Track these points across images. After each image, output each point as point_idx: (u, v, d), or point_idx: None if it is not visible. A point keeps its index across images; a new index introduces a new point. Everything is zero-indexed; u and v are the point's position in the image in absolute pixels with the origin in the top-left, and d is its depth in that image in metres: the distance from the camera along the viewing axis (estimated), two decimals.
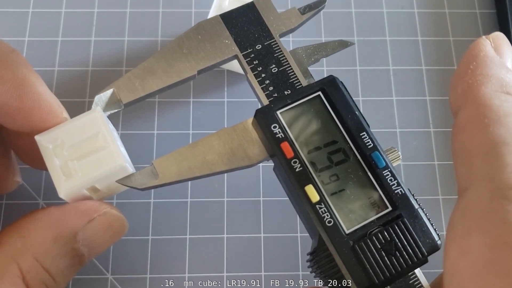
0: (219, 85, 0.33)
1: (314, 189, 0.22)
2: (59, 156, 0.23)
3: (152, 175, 0.24)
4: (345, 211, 0.22)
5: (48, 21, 0.34)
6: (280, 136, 0.23)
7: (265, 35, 0.26)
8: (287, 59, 0.26)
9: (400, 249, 0.21)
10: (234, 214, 0.30)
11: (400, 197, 0.22)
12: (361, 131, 0.23)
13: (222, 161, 0.24)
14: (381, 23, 0.35)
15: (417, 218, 0.22)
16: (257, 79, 0.25)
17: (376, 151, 0.23)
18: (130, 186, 0.24)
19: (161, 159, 0.24)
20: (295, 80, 0.25)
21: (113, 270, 0.29)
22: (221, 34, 0.26)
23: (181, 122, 0.32)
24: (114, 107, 0.26)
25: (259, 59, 0.26)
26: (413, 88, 0.34)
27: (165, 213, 0.30)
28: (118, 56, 0.34)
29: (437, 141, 0.32)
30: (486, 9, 0.36)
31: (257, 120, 0.24)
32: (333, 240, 0.22)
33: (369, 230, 0.22)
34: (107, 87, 0.25)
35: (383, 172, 0.23)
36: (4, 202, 0.30)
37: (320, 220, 0.22)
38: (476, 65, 0.19)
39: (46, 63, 0.33)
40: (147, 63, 0.26)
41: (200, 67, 0.26)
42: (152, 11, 0.35)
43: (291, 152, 0.23)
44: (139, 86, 0.25)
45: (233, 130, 0.25)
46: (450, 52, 0.35)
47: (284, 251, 0.30)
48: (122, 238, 0.29)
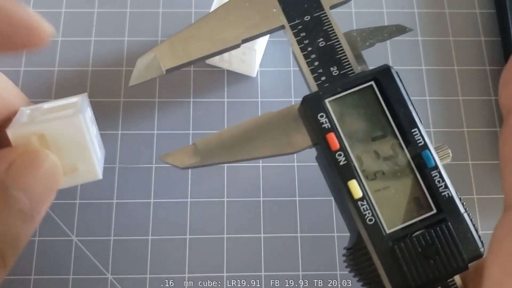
0: (219, 85, 0.33)
1: (357, 184, 0.21)
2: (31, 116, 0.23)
3: (193, 154, 0.23)
4: (387, 210, 0.21)
5: (48, 21, 0.34)
6: (326, 126, 0.22)
7: (315, 6, 0.25)
8: (337, 33, 0.24)
9: (441, 254, 0.21)
10: (234, 214, 0.30)
11: (447, 200, 0.21)
12: (413, 127, 0.22)
13: (264, 146, 0.23)
14: (381, 23, 0.35)
15: (462, 223, 0.21)
16: (302, 52, 0.24)
17: (426, 150, 0.22)
18: (171, 163, 0.23)
19: (204, 139, 0.23)
20: (343, 56, 0.24)
21: (113, 270, 0.29)
22: (269, 2, 0.25)
23: (181, 122, 0.32)
24: (156, 72, 0.24)
25: (307, 31, 0.24)
26: (413, 88, 0.34)
27: (165, 213, 0.30)
28: (118, 56, 0.34)
29: (437, 141, 0.32)
30: (486, 9, 0.36)
31: (303, 107, 0.23)
32: (373, 239, 0.21)
33: (411, 232, 0.21)
34: (150, 51, 0.24)
35: (432, 172, 0.22)
36: None
37: (361, 217, 0.21)
38: None
39: (46, 63, 0.33)
40: (191, 28, 0.24)
41: (245, 36, 0.24)
42: (152, 11, 0.35)
43: (337, 144, 0.22)
44: (182, 52, 0.24)
45: (278, 115, 0.24)
46: (450, 52, 0.35)
47: (284, 251, 0.30)
48: (122, 238, 0.29)
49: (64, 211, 0.30)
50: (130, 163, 0.31)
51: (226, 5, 0.25)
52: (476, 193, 0.31)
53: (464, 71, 0.34)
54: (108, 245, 0.29)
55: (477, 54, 0.35)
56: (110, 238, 0.29)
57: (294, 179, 0.31)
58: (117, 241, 0.29)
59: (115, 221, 0.30)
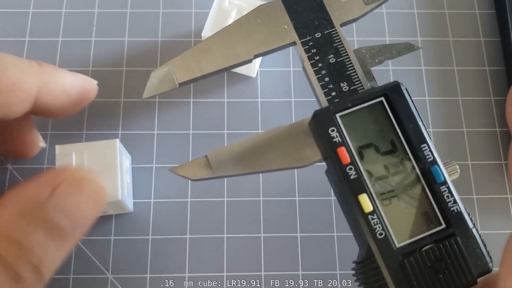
0: (219, 85, 0.33)
1: (367, 198, 0.22)
2: (78, 164, 0.26)
3: (205, 166, 0.24)
4: (397, 224, 0.22)
5: (48, 21, 0.34)
6: (337, 140, 0.22)
7: (325, 23, 0.25)
8: (347, 50, 0.25)
9: (450, 268, 0.21)
10: (234, 214, 0.30)
11: (456, 215, 0.21)
12: (422, 142, 0.22)
13: (275, 160, 0.23)
14: (381, 23, 0.35)
15: (471, 238, 0.21)
16: (313, 68, 0.24)
17: (435, 165, 0.22)
18: (182, 175, 0.23)
19: (215, 151, 0.24)
20: (353, 72, 0.24)
21: (113, 269, 0.29)
22: (280, 19, 0.25)
23: (181, 122, 0.32)
24: (169, 86, 0.25)
25: (317, 48, 0.25)
26: (413, 88, 0.34)
27: (165, 213, 0.30)
28: (118, 56, 0.34)
29: (436, 141, 0.32)
30: (485, 10, 0.36)
31: (314, 121, 0.23)
32: (383, 253, 0.21)
33: (420, 246, 0.21)
34: (163, 65, 0.25)
35: (441, 187, 0.22)
36: None
37: (371, 231, 0.21)
38: None
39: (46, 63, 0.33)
40: (204, 43, 0.25)
41: (257, 51, 0.25)
42: (152, 12, 0.35)
43: (347, 159, 0.22)
44: (195, 67, 0.25)
45: (289, 129, 0.24)
46: (449, 53, 0.35)
47: (284, 251, 0.30)
48: (122, 238, 0.29)
49: None
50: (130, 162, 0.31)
51: (238, 21, 0.25)
52: (475, 193, 0.31)
53: (463, 72, 0.34)
54: (108, 244, 0.29)
55: (476, 54, 0.35)
56: (111, 238, 0.29)
57: (294, 179, 0.31)
58: (117, 241, 0.29)
59: (115, 221, 0.30)
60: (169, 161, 0.31)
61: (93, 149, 0.27)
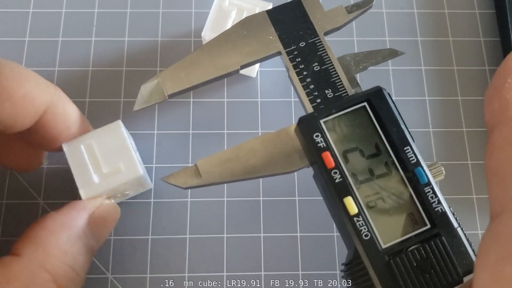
0: (219, 85, 0.33)
1: (353, 201, 0.22)
2: (90, 156, 0.26)
3: (195, 174, 0.24)
4: (383, 226, 0.22)
5: (48, 21, 0.34)
6: (322, 145, 0.23)
7: (309, 32, 0.26)
8: (330, 58, 0.26)
9: (435, 268, 0.21)
10: (234, 214, 0.30)
11: (440, 215, 0.22)
12: (405, 145, 0.23)
13: (263, 166, 0.24)
14: (381, 23, 0.35)
15: (456, 237, 0.22)
16: (298, 76, 0.25)
17: (419, 167, 0.23)
18: (173, 184, 0.24)
19: (205, 160, 0.25)
20: (337, 79, 0.25)
21: (113, 269, 0.29)
22: (266, 30, 0.26)
23: (181, 122, 0.32)
24: (159, 98, 0.26)
25: (302, 57, 0.26)
26: (413, 88, 0.34)
27: (165, 213, 0.30)
28: (118, 56, 0.34)
29: (436, 141, 0.32)
30: (485, 9, 0.36)
31: (299, 128, 0.24)
32: (369, 254, 0.21)
33: (406, 247, 0.22)
34: (153, 78, 0.26)
35: (425, 188, 0.22)
36: (4, 202, 0.30)
37: (357, 233, 0.22)
38: None
39: (47, 63, 0.33)
40: (192, 56, 0.26)
41: (244, 62, 0.26)
42: (152, 11, 0.35)
43: (332, 163, 0.23)
44: (184, 78, 0.26)
45: (277, 135, 0.25)
46: (449, 52, 0.35)
47: (284, 251, 0.30)
48: (122, 238, 0.29)
49: None
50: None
51: (225, 33, 0.26)
52: (475, 193, 0.31)
53: (463, 71, 0.34)
54: (108, 244, 0.29)
55: (476, 54, 0.35)
56: (111, 238, 0.29)
57: (294, 179, 0.31)
58: (117, 241, 0.30)
59: None
60: (169, 161, 0.31)
61: (99, 137, 0.27)
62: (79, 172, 0.26)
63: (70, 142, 0.27)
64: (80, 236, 0.24)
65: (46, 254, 0.23)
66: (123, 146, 0.27)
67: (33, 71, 0.25)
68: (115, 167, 0.26)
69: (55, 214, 0.25)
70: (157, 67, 0.33)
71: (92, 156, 0.26)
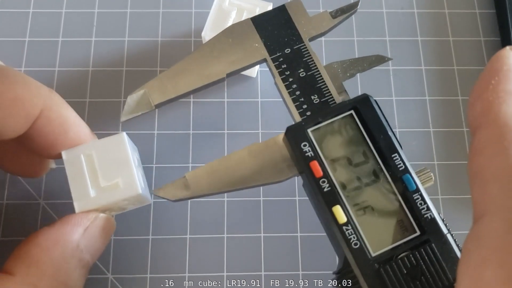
0: (219, 85, 0.33)
1: (341, 210, 0.22)
2: (89, 167, 0.25)
3: (184, 187, 0.24)
4: (372, 234, 0.22)
5: (48, 22, 0.34)
6: (309, 154, 0.23)
7: (294, 39, 0.26)
8: (316, 63, 0.26)
9: (426, 274, 0.21)
10: (234, 214, 0.30)
11: (429, 222, 0.22)
12: (393, 152, 0.23)
13: (252, 177, 0.24)
14: (381, 23, 0.35)
15: (446, 243, 0.22)
16: (284, 83, 0.25)
17: (407, 174, 0.23)
18: (163, 197, 0.24)
19: (194, 172, 0.25)
20: (323, 85, 0.25)
21: (114, 269, 0.29)
22: (251, 38, 0.26)
23: (181, 122, 0.32)
24: (145, 108, 0.26)
25: (288, 63, 0.26)
26: (413, 88, 0.34)
27: (165, 213, 0.30)
28: (118, 56, 0.34)
29: (436, 141, 0.32)
30: (485, 9, 0.36)
31: (287, 137, 0.24)
32: (359, 262, 0.21)
33: (396, 254, 0.22)
34: (139, 88, 0.26)
35: (413, 195, 0.22)
36: (4, 202, 0.30)
37: (346, 242, 0.22)
38: (498, 80, 0.18)
39: (47, 63, 0.33)
40: (179, 65, 0.26)
41: (229, 70, 0.26)
42: (152, 11, 0.35)
43: (320, 172, 0.23)
44: (170, 88, 0.26)
45: (265, 145, 0.25)
46: (449, 52, 0.35)
47: (284, 251, 0.30)
48: (122, 238, 0.29)
49: (64, 211, 0.30)
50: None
51: (210, 42, 0.27)
52: None
53: (463, 71, 0.34)
54: (108, 244, 0.29)
55: (476, 54, 0.35)
56: (111, 238, 0.29)
57: (294, 179, 0.31)
58: (117, 241, 0.30)
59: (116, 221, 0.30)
60: (169, 161, 0.31)
61: (100, 148, 0.25)
62: (76, 183, 0.25)
63: (70, 150, 0.25)
64: (75, 252, 0.24)
65: (39, 273, 0.22)
66: (125, 160, 0.25)
67: (25, 74, 0.24)
68: (113, 182, 0.25)
69: (48, 230, 0.24)
70: (157, 67, 0.33)
71: (91, 168, 0.25)
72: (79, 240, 0.24)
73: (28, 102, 0.23)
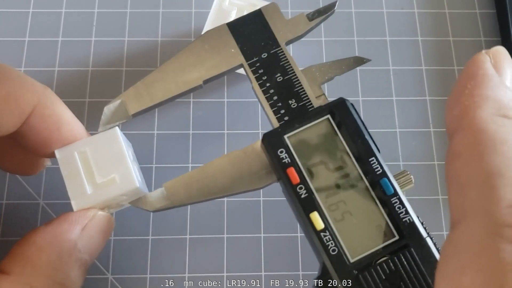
0: (219, 85, 0.33)
1: (319, 216, 0.22)
2: (84, 164, 0.25)
3: (162, 197, 0.24)
4: (350, 239, 0.22)
5: (48, 21, 0.34)
6: (286, 161, 0.23)
7: (271, 43, 0.26)
8: (293, 67, 0.25)
9: (405, 280, 0.21)
10: (234, 214, 0.30)
11: (408, 226, 0.22)
12: (370, 156, 0.23)
13: (231, 184, 0.24)
14: (381, 23, 0.35)
15: (425, 248, 0.21)
16: (261, 88, 0.25)
17: (384, 178, 0.22)
18: (141, 208, 0.24)
19: (171, 182, 0.24)
20: (300, 89, 0.25)
21: (113, 270, 0.29)
22: (227, 43, 0.26)
23: (181, 122, 0.32)
24: (122, 118, 0.26)
25: (265, 68, 0.26)
26: (413, 88, 0.34)
27: (165, 213, 0.30)
28: (118, 56, 0.34)
29: (437, 141, 0.32)
30: (486, 9, 0.36)
31: (264, 144, 0.24)
32: (337, 269, 0.21)
33: (375, 260, 0.21)
34: (116, 98, 0.26)
35: (391, 199, 0.22)
36: (4, 202, 0.30)
37: (324, 248, 0.21)
38: (474, 84, 0.18)
39: (47, 63, 0.33)
40: (155, 73, 0.26)
41: (206, 77, 0.26)
42: (152, 11, 0.35)
43: (297, 178, 0.23)
44: (146, 97, 0.26)
45: (243, 152, 0.25)
46: (450, 52, 0.35)
47: (284, 251, 0.30)
48: (122, 238, 0.29)
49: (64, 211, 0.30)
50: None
51: (186, 49, 0.26)
52: None
53: None
54: (108, 244, 0.29)
55: None
56: (111, 238, 0.29)
57: None
58: (117, 241, 0.29)
59: (116, 221, 0.30)
60: (169, 161, 0.31)
61: (94, 144, 0.25)
62: (72, 182, 0.24)
63: (63, 148, 0.25)
64: (72, 251, 0.23)
65: (35, 272, 0.22)
66: (120, 155, 0.25)
67: (19, 70, 0.24)
68: (109, 177, 0.24)
69: (45, 228, 0.23)
70: (157, 67, 0.33)
71: (86, 165, 0.25)
72: (76, 239, 0.23)
73: (21, 99, 0.23)
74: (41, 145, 0.25)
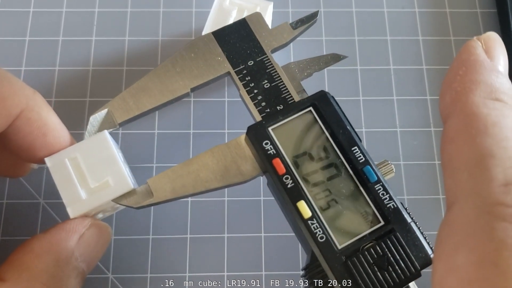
0: (220, 85, 0.33)
1: (306, 205, 0.22)
2: (76, 170, 0.24)
3: (147, 193, 0.24)
4: (337, 227, 0.22)
5: (49, 21, 0.34)
6: (271, 152, 0.23)
7: (257, 51, 0.27)
8: (279, 74, 0.26)
9: (392, 263, 0.21)
10: (234, 214, 0.30)
11: (393, 211, 0.22)
12: (353, 145, 0.23)
13: (216, 178, 0.24)
14: (382, 23, 0.35)
15: (410, 232, 0.22)
16: (249, 95, 0.26)
17: (367, 166, 0.23)
18: (125, 205, 0.24)
19: (156, 177, 0.24)
20: (288, 95, 0.26)
21: (114, 269, 0.29)
22: (213, 52, 0.27)
23: (181, 122, 0.32)
24: (109, 127, 0.26)
25: (251, 75, 0.26)
26: (414, 88, 0.34)
27: (165, 213, 0.30)
28: (118, 56, 0.34)
29: (437, 140, 0.32)
30: (487, 9, 0.36)
31: (249, 137, 0.24)
32: (326, 256, 0.22)
33: (362, 245, 0.22)
34: (102, 107, 0.26)
35: (375, 186, 0.23)
36: (4, 201, 0.30)
37: (312, 236, 0.22)
38: (465, 70, 0.19)
39: (47, 62, 0.33)
40: (141, 82, 0.26)
41: (193, 85, 0.26)
42: (153, 11, 0.35)
43: (283, 169, 0.23)
44: (133, 105, 0.26)
45: (227, 146, 0.25)
46: (450, 52, 0.35)
47: (284, 251, 0.30)
48: (122, 238, 0.29)
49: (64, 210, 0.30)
50: (130, 162, 0.31)
51: (173, 57, 0.27)
52: None
53: None
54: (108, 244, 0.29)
55: None
56: (111, 238, 0.29)
57: None
58: (118, 241, 0.30)
59: (116, 221, 0.30)
60: (169, 161, 0.31)
61: (84, 149, 0.25)
62: (65, 188, 0.24)
63: (53, 156, 0.25)
64: (69, 259, 0.23)
65: (32, 279, 0.22)
66: (111, 158, 0.25)
67: (10, 72, 0.24)
68: (103, 181, 0.24)
69: (42, 236, 0.23)
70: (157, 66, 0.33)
71: (78, 171, 0.24)
72: (74, 247, 0.23)
73: (9, 101, 0.23)
74: (26, 150, 0.24)
